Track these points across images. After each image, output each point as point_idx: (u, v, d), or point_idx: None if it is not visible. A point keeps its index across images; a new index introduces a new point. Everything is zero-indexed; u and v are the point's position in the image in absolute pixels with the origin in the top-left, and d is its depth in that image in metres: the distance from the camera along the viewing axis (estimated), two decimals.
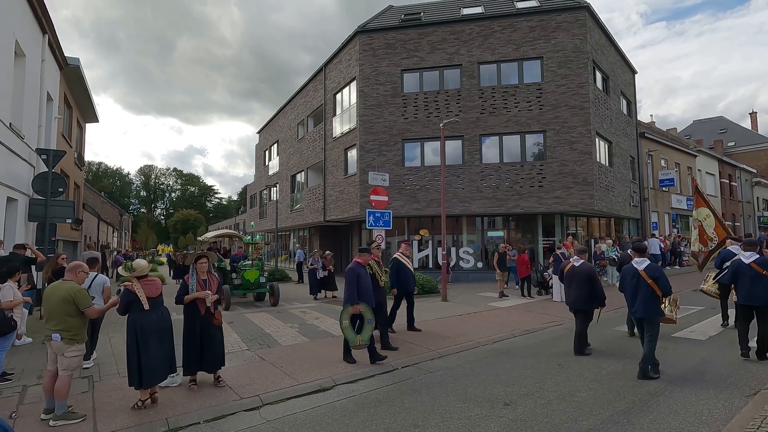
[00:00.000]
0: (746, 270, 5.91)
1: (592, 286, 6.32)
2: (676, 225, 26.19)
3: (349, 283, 6.05)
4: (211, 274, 5.34)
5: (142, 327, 4.54)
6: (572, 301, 6.57)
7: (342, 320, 6.04)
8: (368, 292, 6.21)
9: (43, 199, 9.61)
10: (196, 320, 5.12)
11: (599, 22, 17.73)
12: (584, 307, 6.40)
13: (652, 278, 5.33)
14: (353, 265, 6.27)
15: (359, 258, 6.46)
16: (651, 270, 5.40)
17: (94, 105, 18.01)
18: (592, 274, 6.43)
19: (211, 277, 5.31)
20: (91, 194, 34.59)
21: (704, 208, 9.93)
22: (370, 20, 19.43)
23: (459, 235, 17.69)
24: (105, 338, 7.80)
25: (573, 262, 6.67)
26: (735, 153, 41.16)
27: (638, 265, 5.50)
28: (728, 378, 5.20)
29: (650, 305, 5.34)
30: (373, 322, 6.12)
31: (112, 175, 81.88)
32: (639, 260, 5.56)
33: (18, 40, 9.28)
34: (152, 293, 4.66)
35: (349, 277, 6.09)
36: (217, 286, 5.31)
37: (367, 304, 6.10)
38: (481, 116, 16.87)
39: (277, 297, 11.69)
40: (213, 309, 5.20)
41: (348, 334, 5.98)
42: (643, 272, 5.40)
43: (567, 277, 6.67)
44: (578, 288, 6.41)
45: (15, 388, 5.18)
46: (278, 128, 28.62)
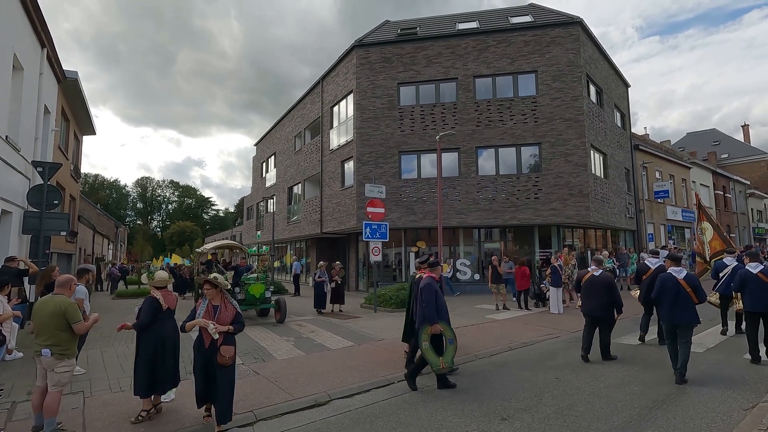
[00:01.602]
0: (753, 279, 6.38)
1: (612, 294, 6.62)
2: (672, 236, 26.29)
3: (428, 300, 5.52)
4: (226, 301, 4.49)
5: (163, 335, 4.62)
6: (592, 308, 6.76)
7: (422, 341, 5.48)
8: (445, 309, 5.78)
9: (38, 211, 9.56)
10: (199, 354, 4.37)
11: (592, 36, 18.04)
12: (604, 314, 6.64)
13: (692, 287, 5.72)
14: (429, 280, 5.70)
15: (432, 272, 5.88)
16: (690, 279, 5.81)
17: (92, 118, 18.06)
18: (611, 283, 6.74)
19: (225, 304, 4.47)
20: (86, 206, 34.47)
21: (705, 222, 10.27)
22: (367, 34, 19.69)
23: (456, 247, 17.68)
24: (97, 353, 7.69)
25: (592, 272, 6.93)
26: (728, 165, 41.60)
27: (677, 274, 5.84)
28: (726, 391, 5.17)
29: (689, 312, 5.68)
30: (455, 341, 5.65)
31: (108, 187, 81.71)
32: (677, 269, 5.92)
33: (16, 54, 9.34)
34: (170, 305, 4.84)
35: (427, 294, 5.54)
36: (233, 316, 4.40)
37: (446, 322, 5.68)
38: (477, 129, 17.02)
39: (284, 313, 10.91)
40: (220, 342, 4.26)
41: (430, 356, 5.42)
42: (683, 281, 5.76)
43: (586, 287, 6.89)
44: (598, 297, 6.67)
45: (4, 404, 5.08)
46: (276, 140, 28.74)
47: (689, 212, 28.07)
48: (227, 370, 4.27)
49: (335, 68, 20.25)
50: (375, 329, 9.67)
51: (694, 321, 5.67)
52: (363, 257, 19.21)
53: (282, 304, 11.01)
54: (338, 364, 6.74)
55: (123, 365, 6.83)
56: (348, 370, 6.34)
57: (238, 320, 4.42)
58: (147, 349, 4.58)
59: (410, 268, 17.53)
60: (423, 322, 5.54)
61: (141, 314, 4.66)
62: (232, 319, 4.38)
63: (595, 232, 20.02)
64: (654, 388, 5.35)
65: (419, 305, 5.65)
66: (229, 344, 4.28)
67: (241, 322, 4.45)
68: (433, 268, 5.97)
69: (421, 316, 5.57)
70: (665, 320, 5.89)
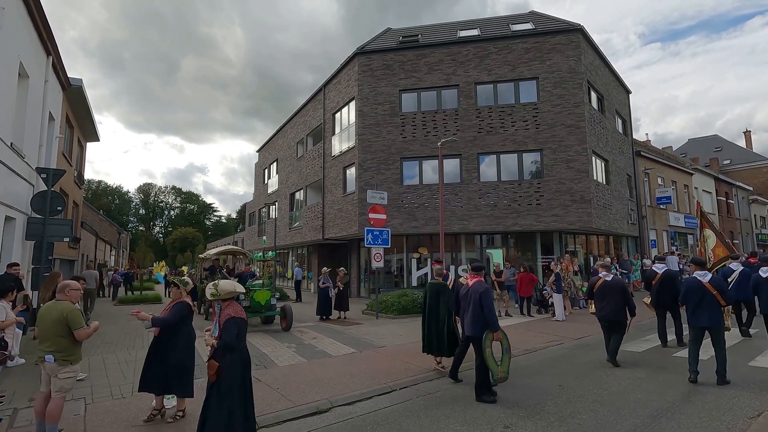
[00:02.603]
0: (765, 283, 6.85)
1: (625, 298, 6.81)
2: (675, 242, 26.20)
3: (489, 305, 5.33)
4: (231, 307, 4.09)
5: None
6: (606, 313, 6.89)
7: (485, 348, 5.29)
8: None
9: (41, 217, 9.60)
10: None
11: (593, 43, 18.13)
12: (618, 318, 6.80)
13: (718, 290, 5.82)
14: (487, 285, 5.59)
15: (479, 276, 5.73)
16: (715, 282, 5.93)
17: (96, 124, 18.19)
18: (624, 287, 6.96)
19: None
20: (89, 212, 34.60)
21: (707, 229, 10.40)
22: (368, 42, 19.84)
23: (458, 253, 17.65)
24: (99, 359, 7.69)
25: (604, 277, 7.07)
26: (731, 171, 41.53)
27: (702, 278, 5.97)
28: (731, 399, 5.13)
29: (716, 314, 5.80)
30: (510, 350, 5.51)
31: (111, 194, 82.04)
32: (701, 273, 6.06)
33: (22, 62, 9.44)
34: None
35: (488, 300, 5.36)
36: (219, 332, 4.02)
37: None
38: (479, 135, 17.07)
39: (290, 321, 10.63)
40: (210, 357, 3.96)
41: (492, 364, 5.25)
42: (708, 284, 5.87)
43: (599, 292, 7.02)
44: (612, 301, 6.84)
45: (6, 410, 5.08)
46: (278, 147, 28.86)
47: (692, 218, 27.98)
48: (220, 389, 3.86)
49: (337, 75, 20.38)
50: (377, 336, 9.64)
51: (720, 323, 5.77)
52: (365, 263, 19.19)
53: (288, 311, 10.71)
54: (340, 371, 6.71)
55: (124, 372, 6.82)
56: (349, 377, 6.32)
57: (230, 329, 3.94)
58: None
59: (412, 275, 17.52)
60: (485, 328, 5.32)
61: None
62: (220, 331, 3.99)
63: (597, 239, 19.97)
64: (658, 396, 5.31)
65: (474, 311, 5.38)
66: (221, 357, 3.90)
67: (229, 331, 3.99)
68: (479, 272, 5.79)
69: (481, 323, 5.34)
70: (691, 323, 6.01)
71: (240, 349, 3.97)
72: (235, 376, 3.89)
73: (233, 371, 3.89)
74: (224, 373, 3.85)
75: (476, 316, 5.39)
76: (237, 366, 3.93)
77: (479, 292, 5.40)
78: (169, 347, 4.71)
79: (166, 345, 4.72)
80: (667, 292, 8.08)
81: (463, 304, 5.71)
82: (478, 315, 5.36)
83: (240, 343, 3.97)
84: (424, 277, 17.51)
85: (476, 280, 5.62)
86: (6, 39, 8.29)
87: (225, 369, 3.86)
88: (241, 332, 3.99)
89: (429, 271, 17.50)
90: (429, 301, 6.70)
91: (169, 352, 4.68)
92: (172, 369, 4.66)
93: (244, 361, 4.01)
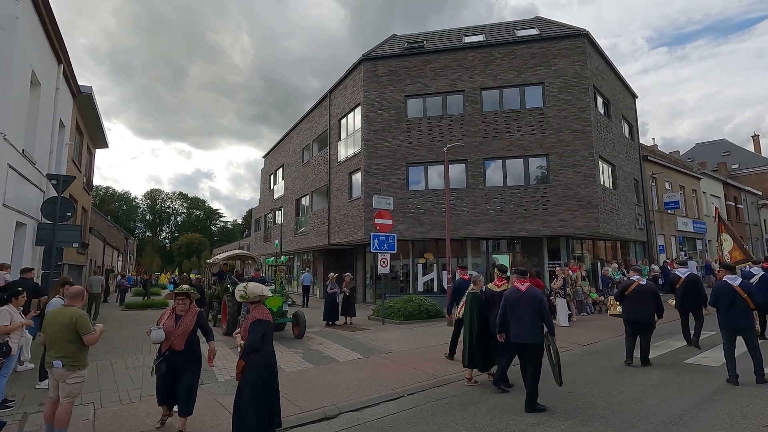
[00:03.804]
0: None
1: (657, 301, 7.16)
2: (684, 247, 25.93)
3: (548, 311, 5.36)
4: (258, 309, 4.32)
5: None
6: (639, 315, 7.17)
7: (552, 354, 5.23)
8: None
9: (51, 223, 9.71)
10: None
11: (598, 48, 18.12)
12: (650, 320, 7.13)
13: (748, 293, 6.01)
14: (539, 291, 5.53)
15: (525, 280, 5.64)
16: (745, 286, 6.13)
17: (105, 131, 18.42)
18: (656, 291, 7.32)
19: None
20: (97, 218, 34.91)
21: (725, 233, 10.53)
22: (374, 48, 19.96)
23: (464, 258, 17.58)
24: (106, 364, 7.72)
25: (638, 281, 7.35)
26: (739, 175, 41.10)
27: (732, 281, 6.18)
28: (745, 407, 5.05)
29: (747, 317, 6.02)
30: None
31: (119, 200, 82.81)
32: (731, 277, 6.27)
33: (34, 70, 9.60)
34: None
35: (546, 306, 5.38)
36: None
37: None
38: (485, 140, 17.06)
39: (303, 328, 10.26)
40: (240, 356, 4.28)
41: (555, 370, 5.23)
42: (738, 288, 6.07)
43: (634, 295, 7.31)
44: (646, 304, 7.13)
45: (15, 415, 5.11)
46: (284, 153, 29.02)
47: (701, 223, 27.72)
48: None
49: (343, 81, 20.50)
50: (383, 342, 9.61)
51: (751, 326, 5.98)
52: (370, 269, 19.16)
53: (301, 318, 10.32)
54: (347, 376, 6.69)
55: (132, 377, 6.85)
56: (357, 383, 6.29)
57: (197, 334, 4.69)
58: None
59: (418, 280, 17.46)
60: (542, 335, 5.26)
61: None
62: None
63: (604, 244, 19.82)
64: (670, 403, 5.24)
65: (533, 318, 5.23)
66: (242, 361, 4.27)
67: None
68: (526, 276, 5.66)
69: (541, 330, 5.24)
70: (723, 326, 6.17)
71: (266, 350, 4.18)
72: (260, 376, 4.09)
73: (258, 371, 4.09)
74: (249, 372, 4.08)
75: (536, 322, 5.23)
76: (262, 366, 4.12)
77: (539, 299, 5.31)
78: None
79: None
80: (691, 295, 8.47)
81: (513, 310, 5.40)
82: (538, 322, 5.23)
83: (266, 346, 4.19)
84: (430, 282, 17.46)
85: (528, 285, 5.50)
86: (19, 48, 8.44)
87: (250, 369, 4.08)
88: (267, 334, 4.19)
89: (434, 277, 17.43)
90: (471, 312, 6.31)
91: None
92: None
93: (269, 361, 4.20)
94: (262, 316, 4.21)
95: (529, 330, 5.23)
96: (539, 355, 5.22)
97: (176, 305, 4.65)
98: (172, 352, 4.46)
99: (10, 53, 8.03)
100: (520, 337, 5.28)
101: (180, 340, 4.48)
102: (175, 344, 4.46)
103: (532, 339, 5.21)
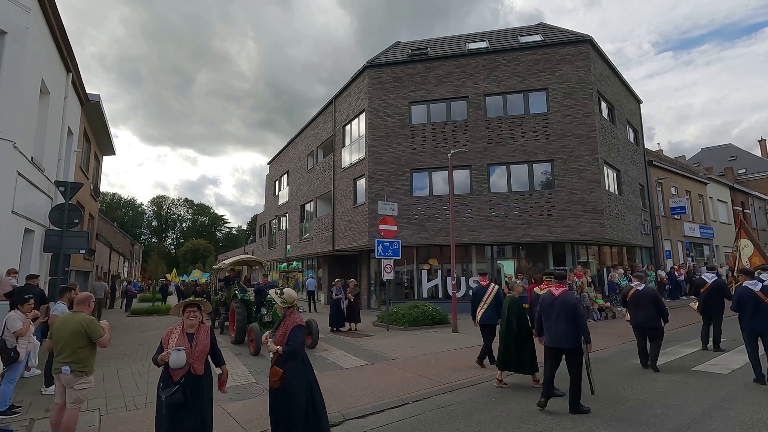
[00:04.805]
0: None
1: (658, 305, 7.20)
2: (691, 253, 25.71)
3: (583, 316, 5.27)
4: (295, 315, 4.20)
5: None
6: (640, 321, 7.30)
7: (587, 360, 5.20)
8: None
9: (59, 230, 9.81)
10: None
11: (602, 54, 18.13)
12: (653, 324, 7.18)
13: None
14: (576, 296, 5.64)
15: (562, 284, 5.65)
16: (766, 290, 6.29)
17: (112, 139, 18.63)
18: (656, 295, 7.38)
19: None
20: (104, 224, 35.19)
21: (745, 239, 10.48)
22: (378, 55, 20.10)
23: (468, 264, 17.53)
24: (112, 370, 7.75)
25: (636, 287, 7.48)
26: (746, 180, 40.77)
27: (753, 287, 6.37)
28: (755, 415, 4.98)
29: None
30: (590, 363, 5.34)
31: (125, 206, 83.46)
32: (752, 282, 6.46)
33: (44, 79, 9.76)
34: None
35: (581, 311, 5.30)
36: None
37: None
38: (489, 146, 17.08)
39: (316, 337, 9.76)
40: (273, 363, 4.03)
41: (592, 376, 5.21)
42: (760, 293, 6.27)
43: (633, 300, 7.44)
44: (646, 309, 7.24)
45: (22, 421, 5.14)
46: (288, 159, 29.18)
47: (707, 228, 27.49)
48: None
49: (347, 88, 20.64)
50: (388, 348, 9.58)
51: None
52: (375, 275, 19.15)
53: (314, 327, 9.75)
54: (351, 383, 6.67)
55: (138, 383, 6.87)
56: (361, 390, 6.27)
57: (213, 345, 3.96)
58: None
59: (422, 286, 17.42)
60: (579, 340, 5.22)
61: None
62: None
63: (610, 249, 19.70)
64: (678, 411, 5.18)
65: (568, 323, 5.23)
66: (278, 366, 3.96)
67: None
68: (563, 280, 5.67)
69: (577, 335, 5.21)
70: (746, 329, 6.37)
71: (302, 353, 4.09)
72: (299, 381, 3.93)
73: (298, 376, 3.94)
74: (289, 378, 3.89)
75: (571, 327, 5.22)
76: (300, 370, 3.98)
77: (572, 304, 5.31)
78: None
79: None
80: (715, 300, 8.58)
81: (547, 315, 5.47)
82: (573, 327, 5.21)
83: (302, 350, 4.11)
84: (434, 288, 17.42)
85: (563, 290, 5.49)
86: (29, 57, 8.59)
87: (289, 375, 3.90)
88: (304, 339, 4.16)
89: (438, 283, 17.38)
90: (509, 316, 6.51)
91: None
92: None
93: (306, 364, 4.09)
94: (300, 321, 4.11)
95: (562, 334, 5.28)
96: (574, 359, 5.25)
97: (185, 319, 3.87)
98: (190, 377, 3.67)
99: (20, 63, 8.18)
100: (554, 340, 5.36)
101: (200, 362, 3.76)
102: (196, 367, 3.72)
103: (565, 343, 5.25)
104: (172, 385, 3.60)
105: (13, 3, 8.04)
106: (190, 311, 3.89)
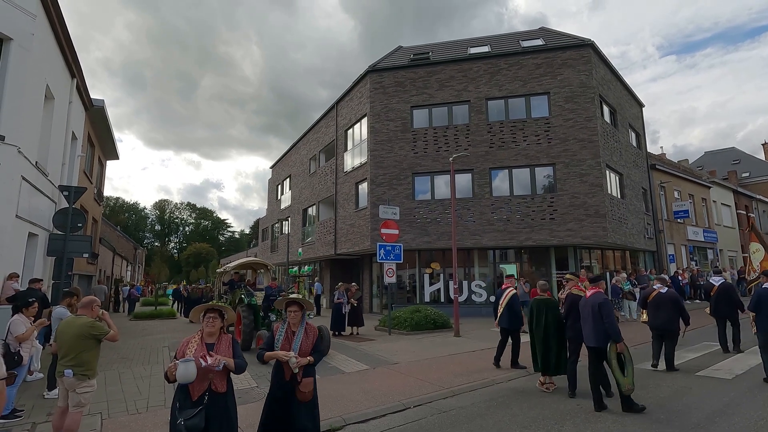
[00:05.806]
0: None
1: (678, 308, 7.40)
2: (694, 257, 25.57)
3: (610, 316, 5.39)
4: (310, 326, 3.93)
5: None
6: (661, 323, 7.52)
7: (611, 359, 5.32)
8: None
9: (62, 234, 9.86)
10: (278, 387, 3.75)
11: (604, 58, 18.16)
12: (672, 327, 7.40)
13: None
14: (605, 296, 5.65)
15: (599, 287, 5.81)
16: None
17: (116, 143, 18.74)
18: (677, 298, 7.56)
19: (309, 329, 3.87)
20: (107, 228, 35.32)
21: (756, 243, 10.48)
22: (380, 60, 20.19)
23: (471, 268, 17.50)
24: (114, 374, 7.77)
25: (658, 289, 7.70)
26: (750, 184, 40.59)
27: None
28: (758, 421, 4.94)
29: None
30: (632, 362, 5.41)
31: (128, 210, 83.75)
32: None
33: (49, 85, 9.84)
34: None
35: (608, 310, 5.42)
36: (313, 342, 3.81)
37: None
38: (491, 150, 17.09)
39: (328, 344, 9.11)
40: (301, 376, 3.67)
41: (619, 376, 5.27)
42: None
43: (654, 303, 7.69)
44: (666, 311, 7.47)
45: (24, 425, 5.15)
46: (291, 163, 29.27)
47: (711, 232, 27.35)
48: (308, 407, 3.70)
49: (350, 92, 20.73)
50: (390, 352, 9.56)
51: None
52: (377, 279, 19.14)
53: (325, 333, 9.04)
54: (353, 387, 6.66)
55: (140, 387, 6.87)
56: (363, 394, 6.26)
57: (319, 347, 3.86)
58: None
59: (424, 290, 17.39)
60: (607, 340, 5.36)
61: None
62: (311, 347, 3.77)
63: (613, 253, 19.63)
64: (681, 417, 5.14)
65: (595, 322, 5.45)
66: (309, 376, 3.72)
67: (321, 347, 3.96)
68: (598, 282, 5.90)
69: (603, 334, 5.38)
70: (762, 330, 6.51)
71: None
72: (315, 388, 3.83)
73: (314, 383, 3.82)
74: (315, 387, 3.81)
75: (598, 327, 5.48)
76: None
77: (598, 303, 5.49)
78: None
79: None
80: (724, 302, 8.81)
81: (583, 316, 5.79)
82: (600, 326, 5.45)
83: None
84: (436, 292, 17.38)
85: (594, 291, 5.74)
86: (34, 63, 8.67)
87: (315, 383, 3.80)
88: None
89: (440, 287, 17.33)
90: (537, 319, 6.54)
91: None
92: None
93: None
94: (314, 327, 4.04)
95: (591, 334, 5.59)
96: (595, 357, 5.55)
97: (204, 326, 3.45)
98: (213, 396, 3.25)
99: (26, 69, 8.26)
100: (586, 340, 5.71)
101: (221, 379, 3.32)
102: (217, 384, 3.28)
103: (595, 342, 5.53)
104: (192, 406, 3.13)
105: (19, 10, 8.14)
106: (210, 317, 3.45)
